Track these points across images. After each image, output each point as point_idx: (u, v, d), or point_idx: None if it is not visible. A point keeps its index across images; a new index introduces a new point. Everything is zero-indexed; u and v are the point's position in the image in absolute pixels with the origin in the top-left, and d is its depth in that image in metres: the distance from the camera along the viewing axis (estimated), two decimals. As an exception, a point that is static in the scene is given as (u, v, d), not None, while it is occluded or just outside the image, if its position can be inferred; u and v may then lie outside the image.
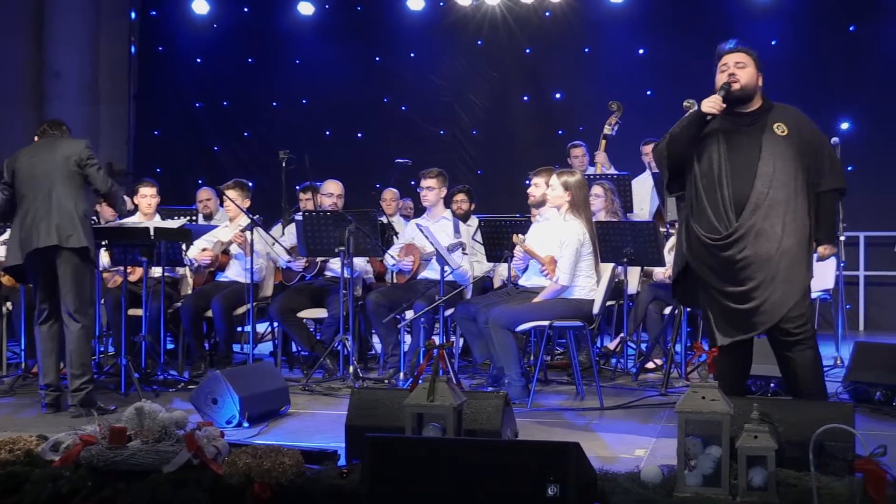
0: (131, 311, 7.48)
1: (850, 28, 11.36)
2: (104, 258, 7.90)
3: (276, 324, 8.21)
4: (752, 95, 4.90)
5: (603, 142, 9.63)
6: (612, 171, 9.54)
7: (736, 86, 4.85)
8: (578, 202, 6.81)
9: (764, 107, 4.92)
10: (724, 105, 4.83)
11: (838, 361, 7.92)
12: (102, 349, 8.12)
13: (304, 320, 8.02)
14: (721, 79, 4.91)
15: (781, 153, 4.78)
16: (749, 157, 4.80)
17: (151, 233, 6.98)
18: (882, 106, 10.91)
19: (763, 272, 4.71)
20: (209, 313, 7.94)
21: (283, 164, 8.65)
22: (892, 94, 11.02)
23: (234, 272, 8.17)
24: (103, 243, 7.28)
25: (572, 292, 6.70)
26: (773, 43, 10.90)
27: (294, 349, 8.39)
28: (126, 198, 7.02)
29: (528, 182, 7.46)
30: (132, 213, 8.18)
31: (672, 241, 8.11)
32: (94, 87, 12.86)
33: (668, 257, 7.92)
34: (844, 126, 10.89)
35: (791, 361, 4.84)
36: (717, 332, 4.87)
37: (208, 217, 9.51)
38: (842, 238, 7.66)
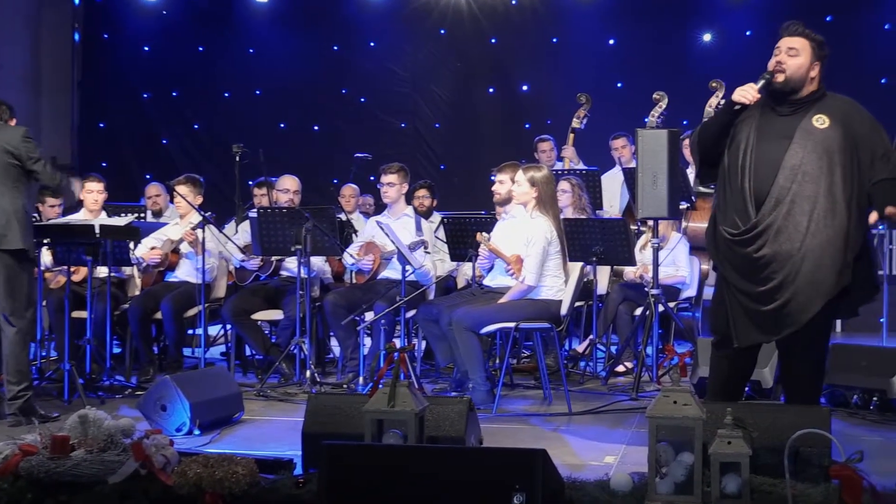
0: (75, 314, 7.42)
1: (827, 18, 11.46)
2: (46, 257, 7.83)
3: (228, 326, 8.16)
4: (799, 85, 4.74)
5: (571, 136, 9.67)
6: (581, 165, 9.59)
7: (780, 77, 4.71)
8: (545, 199, 6.83)
9: (813, 96, 4.76)
10: (759, 96, 4.70)
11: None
12: (44, 353, 8.05)
13: (259, 322, 7.98)
14: (771, 64, 4.76)
15: (814, 146, 4.63)
16: (776, 149, 4.68)
17: (97, 230, 6.92)
18: (857, 98, 11.02)
19: (784, 272, 4.61)
20: (158, 315, 7.88)
21: (237, 159, 8.60)
22: (869, 86, 11.15)
23: (185, 272, 8.12)
24: (45, 242, 7.21)
25: (539, 293, 6.72)
26: (747, 34, 11.01)
27: (248, 353, 8.35)
28: (77, 183, 6.84)
29: (492, 178, 7.47)
30: (76, 209, 8.10)
31: (643, 239, 8.17)
32: (36, 77, 12.74)
33: (640, 256, 7.97)
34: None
35: (797, 369, 4.81)
36: (735, 333, 4.77)
37: (157, 214, 9.45)
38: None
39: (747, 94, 4.70)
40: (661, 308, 7.21)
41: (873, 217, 4.70)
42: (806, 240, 4.61)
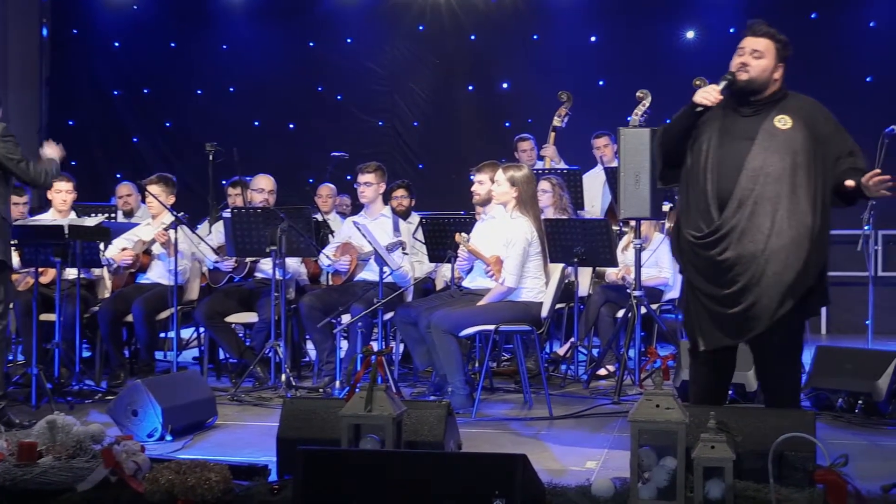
0: (43, 316, 7.37)
1: (812, 15, 11.54)
2: (13, 259, 7.78)
3: (202, 329, 8.15)
4: (762, 88, 4.76)
5: (552, 134, 9.68)
6: (562, 165, 9.60)
7: (742, 76, 4.73)
8: (526, 198, 6.84)
9: (774, 97, 4.79)
10: (721, 98, 4.71)
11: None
12: (11, 357, 8.00)
13: (233, 325, 7.97)
14: (734, 63, 4.77)
15: (777, 147, 4.66)
16: (738, 150, 4.70)
17: (66, 231, 6.88)
18: (842, 96, 11.08)
19: (748, 274, 4.64)
20: (129, 318, 7.86)
21: (210, 158, 8.59)
22: (854, 85, 11.21)
23: (157, 273, 8.09)
24: (13, 243, 7.16)
25: (520, 294, 6.73)
26: (731, 31, 11.04)
27: (221, 356, 8.33)
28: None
29: (471, 178, 7.47)
30: (45, 209, 8.06)
31: (625, 239, 8.19)
32: (2, 73, 12.66)
33: (622, 257, 7.99)
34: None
35: (771, 371, 4.83)
36: (699, 337, 4.79)
37: (128, 214, 9.42)
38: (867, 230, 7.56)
39: (709, 95, 4.71)
40: (643, 310, 7.23)
41: (850, 183, 4.67)
42: (770, 241, 4.63)
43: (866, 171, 4.63)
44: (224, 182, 9.30)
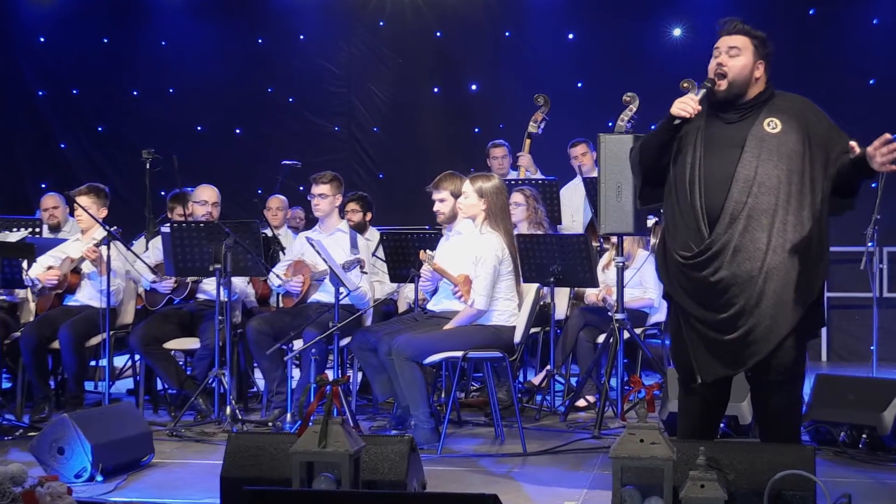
0: (-41, 343, 7.33)
1: (810, 12, 11.66)
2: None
3: (137, 357, 8.10)
4: (744, 88, 4.80)
5: (527, 141, 9.71)
6: (539, 175, 9.63)
7: (721, 84, 4.77)
8: (496, 212, 6.85)
9: (760, 98, 4.82)
10: (700, 108, 4.74)
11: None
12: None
13: (172, 352, 7.92)
14: (710, 67, 4.81)
15: (769, 154, 4.69)
16: (726, 160, 4.73)
17: (-16, 247, 6.84)
18: (843, 100, 11.19)
19: (745, 296, 4.64)
20: (55, 344, 7.80)
21: (147, 166, 8.55)
22: (856, 87, 11.31)
23: (87, 295, 8.05)
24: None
25: (490, 318, 6.74)
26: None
27: (159, 387, 8.28)
28: None
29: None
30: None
31: (606, 257, 8.22)
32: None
33: (602, 276, 8.02)
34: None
35: (769, 403, 4.84)
36: (696, 368, 4.79)
37: (55, 229, 9.36)
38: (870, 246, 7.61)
39: (687, 106, 4.73)
40: (626, 335, 7.26)
41: (853, 144, 4.69)
42: (767, 258, 4.64)
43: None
44: (163, 193, 9.27)
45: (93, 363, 8.42)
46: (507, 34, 12.53)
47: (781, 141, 4.72)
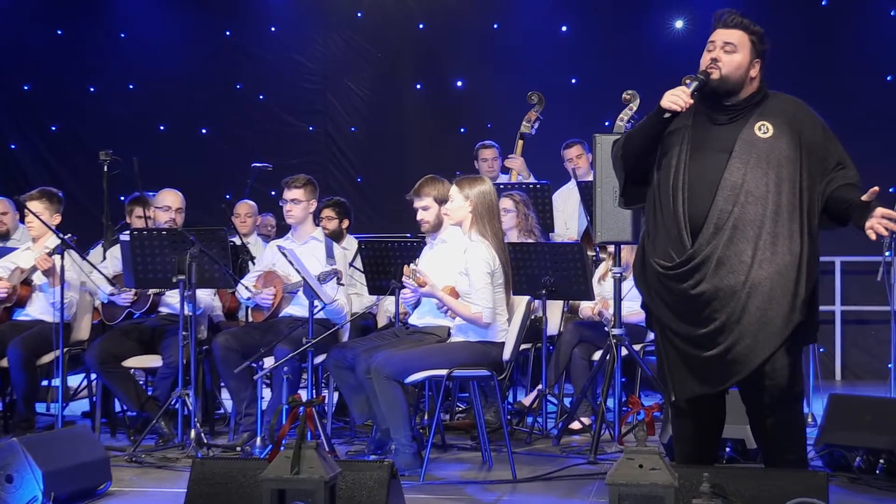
0: None
1: (823, 3, 11.70)
2: None
3: (93, 376, 8.08)
4: (737, 87, 4.82)
5: (519, 143, 9.73)
6: (532, 179, 9.65)
7: (715, 75, 4.79)
8: (485, 218, 6.84)
9: (752, 99, 4.85)
10: (692, 101, 4.76)
11: (809, 419, 8.10)
12: None
13: (132, 371, 7.91)
14: (703, 60, 4.85)
15: (758, 160, 4.71)
16: (713, 165, 4.75)
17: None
18: (857, 93, 11.22)
19: (727, 310, 4.66)
20: (3, 362, 7.79)
21: (105, 168, 8.54)
22: (872, 84, 11.34)
23: (38, 309, 8.04)
24: None
25: (478, 333, 6.73)
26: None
27: (117, 409, 8.27)
28: None
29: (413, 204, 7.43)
30: None
31: (602, 267, 8.23)
32: None
33: (598, 288, 8.03)
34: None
35: (766, 425, 4.85)
36: (672, 385, 4.83)
37: (4, 237, 9.35)
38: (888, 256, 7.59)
39: (678, 99, 4.75)
40: (624, 351, 7.26)
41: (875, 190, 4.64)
42: (752, 271, 4.66)
43: (860, 187, 4.68)
44: (122, 198, 9.25)
45: (45, 383, 8.39)
46: (495, 26, 12.55)
47: (772, 147, 4.74)
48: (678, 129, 4.85)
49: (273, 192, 10.53)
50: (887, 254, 7.67)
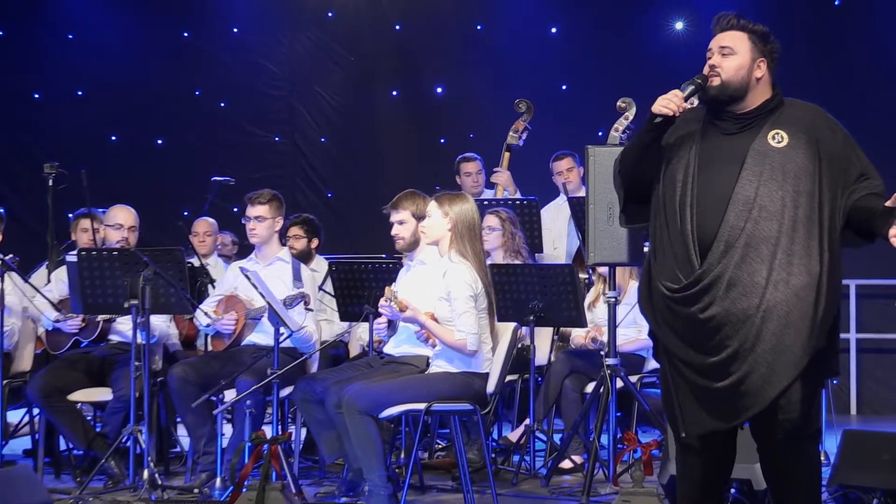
0: None
1: (836, 2, 11.76)
2: None
3: (36, 410, 8.05)
4: (742, 92, 4.82)
5: (506, 155, 9.74)
6: (518, 195, 9.66)
7: (715, 82, 4.80)
8: (465, 237, 6.85)
9: (765, 107, 4.85)
10: (685, 105, 4.78)
11: (822, 457, 8.12)
12: None
13: (79, 405, 7.89)
14: (705, 69, 4.85)
15: (772, 172, 4.69)
16: (723, 178, 4.74)
17: None
18: (874, 100, 11.26)
19: (739, 337, 4.65)
20: (-62, 396, 7.77)
21: (50, 183, 8.53)
22: (890, 87, 11.37)
23: (-24, 337, 8.02)
24: None
25: (460, 362, 6.73)
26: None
27: (63, 447, 8.24)
28: None
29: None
30: None
31: (593, 292, 8.24)
32: None
33: (590, 314, 8.04)
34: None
35: (778, 464, 4.84)
36: (682, 419, 4.81)
37: (-62, 257, 9.32)
38: None
39: (671, 102, 4.77)
40: (619, 383, 7.27)
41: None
42: (766, 294, 4.64)
43: (885, 197, 4.65)
44: (69, 215, 9.23)
45: (-17, 419, 8.37)
46: (478, 27, 12.59)
47: (788, 157, 4.73)
48: (685, 140, 4.86)
49: (235, 209, 10.53)
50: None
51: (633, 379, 7.72)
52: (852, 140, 4.85)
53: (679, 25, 12.00)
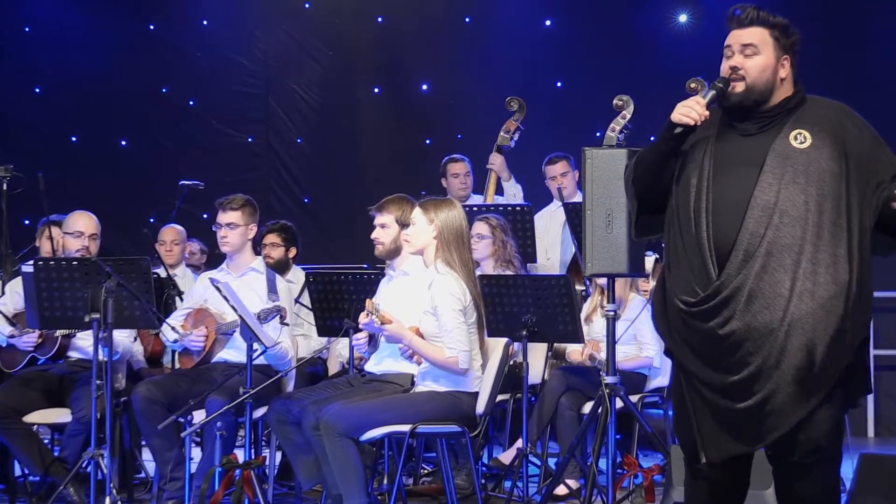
0: None
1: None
2: None
3: (-10, 433, 8.05)
4: (767, 94, 4.78)
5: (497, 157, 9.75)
6: (513, 183, 9.68)
7: (738, 87, 4.76)
8: (452, 245, 6.85)
9: (786, 104, 4.82)
10: (707, 113, 4.73)
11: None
12: None
13: (35, 427, 7.88)
14: (724, 69, 4.81)
15: (794, 174, 4.66)
16: (741, 182, 4.72)
17: None
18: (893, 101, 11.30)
19: (762, 353, 4.61)
20: None
21: (3, 187, 8.51)
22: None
23: (-75, 353, 8.01)
24: None
25: (447, 381, 6.73)
26: (737, 13, 11.24)
27: (17, 472, 8.23)
28: None
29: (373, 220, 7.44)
30: None
31: (589, 304, 8.24)
32: None
33: (587, 329, 8.04)
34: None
35: (795, 490, 4.82)
36: (700, 445, 4.78)
37: None
38: None
39: (692, 111, 4.73)
40: (619, 403, 7.27)
41: None
42: (790, 306, 4.61)
43: None
44: (26, 221, 9.23)
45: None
46: (467, 20, 12.61)
47: (811, 158, 4.70)
48: (699, 142, 4.84)
49: (205, 215, 10.51)
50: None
51: (634, 399, 7.71)
52: (881, 139, 4.82)
53: (683, 18, 12.01)
